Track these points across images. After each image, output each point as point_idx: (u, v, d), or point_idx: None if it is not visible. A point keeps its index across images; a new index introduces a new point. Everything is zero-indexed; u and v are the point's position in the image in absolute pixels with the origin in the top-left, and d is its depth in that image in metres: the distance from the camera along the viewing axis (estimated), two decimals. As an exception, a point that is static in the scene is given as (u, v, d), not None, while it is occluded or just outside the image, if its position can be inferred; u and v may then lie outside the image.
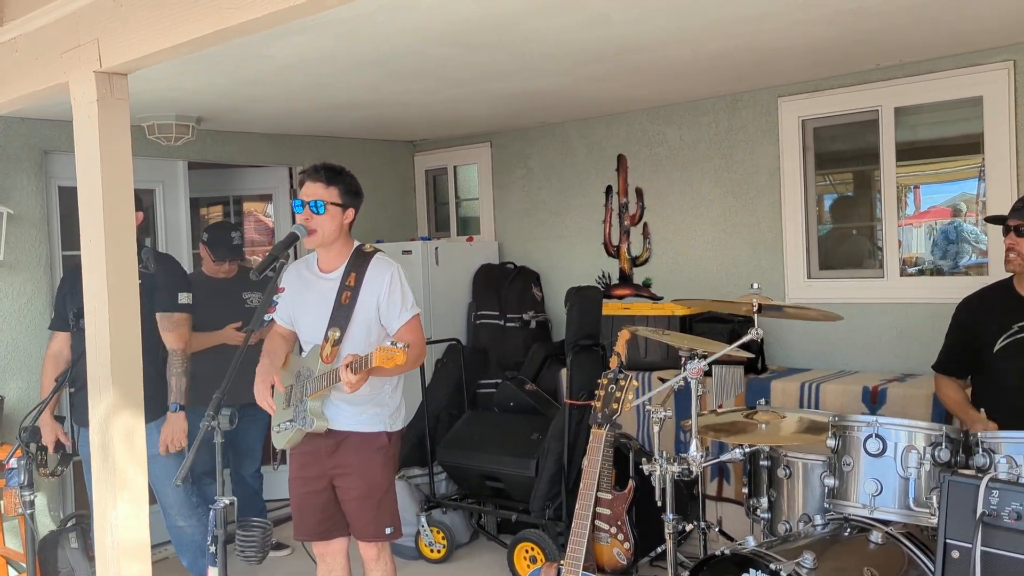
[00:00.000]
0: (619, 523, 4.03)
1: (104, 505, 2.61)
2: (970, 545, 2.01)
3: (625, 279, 5.46)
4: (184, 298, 3.74)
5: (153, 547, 4.82)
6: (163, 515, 3.87)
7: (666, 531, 3.05)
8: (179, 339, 3.72)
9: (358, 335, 2.97)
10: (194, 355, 4.16)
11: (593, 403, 2.75)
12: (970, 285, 3.58)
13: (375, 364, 2.57)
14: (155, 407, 3.70)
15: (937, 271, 4.61)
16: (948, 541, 2.03)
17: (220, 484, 2.45)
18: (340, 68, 3.81)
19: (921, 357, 4.35)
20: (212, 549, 2.37)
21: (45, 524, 4.48)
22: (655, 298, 5.30)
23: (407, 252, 5.53)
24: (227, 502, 2.40)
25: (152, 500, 3.90)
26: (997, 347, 3.17)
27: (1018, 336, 3.13)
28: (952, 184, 4.68)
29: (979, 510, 1.97)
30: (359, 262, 3.04)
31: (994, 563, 1.98)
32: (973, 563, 1.94)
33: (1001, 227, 3.21)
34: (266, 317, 2.72)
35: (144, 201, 4.55)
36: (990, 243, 4.27)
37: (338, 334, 2.92)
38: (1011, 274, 3.23)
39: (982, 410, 3.03)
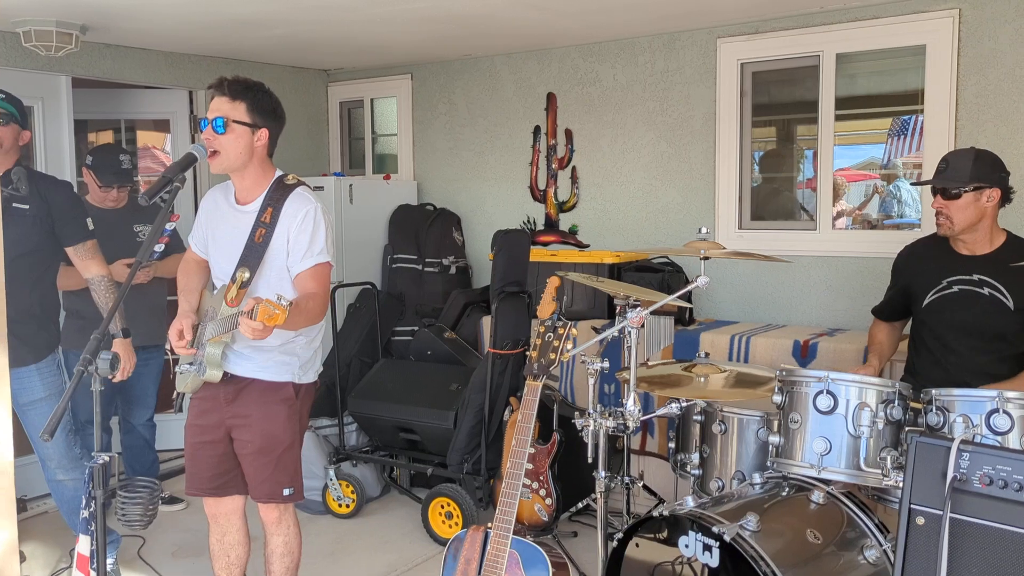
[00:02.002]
0: (541, 478, 3.84)
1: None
2: (935, 511, 1.86)
3: (551, 225, 5.22)
4: (91, 223, 3.37)
5: (31, 500, 4.46)
6: (42, 467, 3.47)
7: (597, 489, 2.86)
8: (102, 264, 3.37)
9: (271, 279, 2.63)
10: (77, 294, 3.75)
11: (529, 352, 2.51)
12: (903, 239, 3.50)
13: (257, 318, 2.22)
14: (38, 348, 3.31)
15: (870, 224, 4.54)
16: (912, 506, 1.88)
17: (98, 437, 2.11)
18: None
19: (851, 311, 4.29)
20: (85, 514, 2.03)
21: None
22: (581, 246, 5.09)
23: (319, 188, 5.13)
24: (106, 458, 2.06)
25: (30, 450, 3.53)
26: (926, 301, 3.10)
27: (947, 292, 3.06)
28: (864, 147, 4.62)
29: (950, 474, 1.81)
30: (278, 195, 2.67)
31: (962, 530, 1.83)
32: (942, 530, 1.79)
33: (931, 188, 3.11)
34: (156, 248, 2.35)
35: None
36: (924, 201, 4.21)
37: (247, 275, 2.56)
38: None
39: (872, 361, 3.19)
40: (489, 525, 2.40)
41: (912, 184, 4.20)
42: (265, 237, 2.62)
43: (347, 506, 4.36)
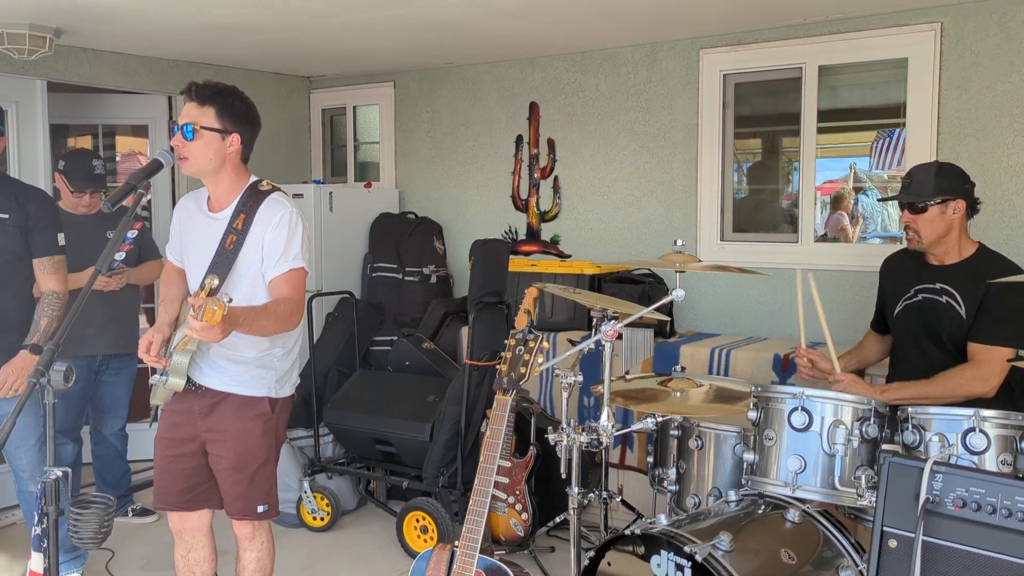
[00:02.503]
0: (517, 492, 3.79)
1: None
2: (908, 533, 1.82)
3: (533, 235, 5.18)
4: (62, 239, 3.31)
5: (1, 511, 4.37)
6: (14, 478, 3.40)
7: (570, 506, 2.80)
8: (61, 281, 3.30)
9: (242, 287, 2.56)
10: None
11: (499, 365, 2.46)
12: (883, 252, 3.46)
13: (203, 318, 2.13)
14: (11, 354, 3.24)
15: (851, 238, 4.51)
16: (885, 529, 1.83)
17: (51, 451, 2.04)
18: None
19: (832, 324, 4.23)
20: (38, 530, 1.97)
21: None
22: (563, 256, 5.05)
23: (298, 196, 5.08)
24: (59, 473, 2.00)
25: (1, 460, 3.46)
26: (896, 311, 3.09)
27: (912, 300, 3.05)
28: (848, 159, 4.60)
29: (923, 496, 1.77)
30: (251, 201, 2.61)
31: (935, 554, 1.79)
32: (914, 554, 1.74)
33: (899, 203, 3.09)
34: (117, 256, 2.29)
35: None
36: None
37: (216, 282, 2.50)
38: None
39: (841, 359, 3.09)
40: (456, 544, 2.34)
41: (879, 200, 4.17)
42: (236, 244, 2.56)
43: (322, 519, 4.29)
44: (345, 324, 4.87)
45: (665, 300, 2.59)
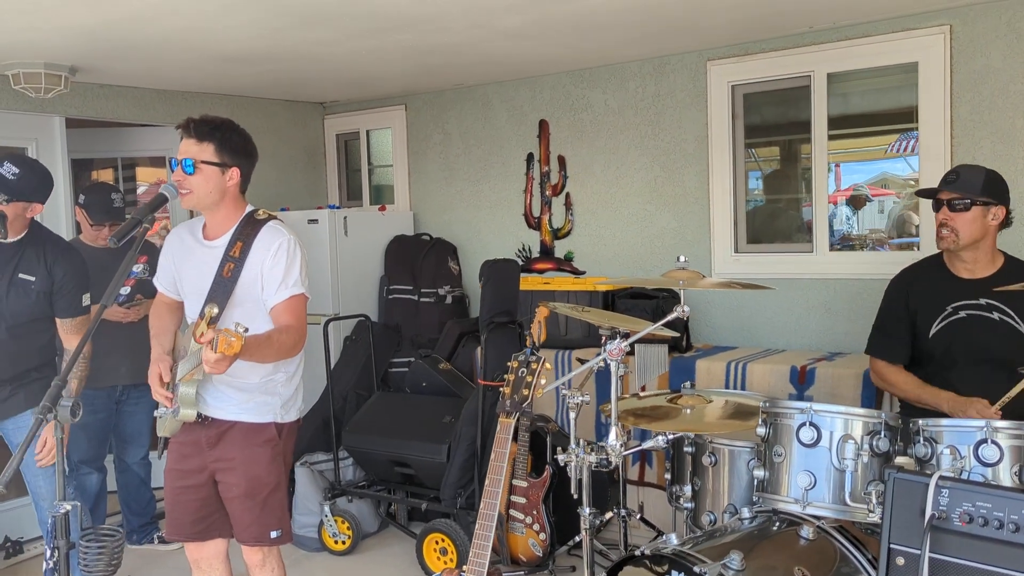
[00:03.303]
0: (535, 512, 3.77)
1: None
2: (915, 550, 1.78)
3: (546, 252, 5.18)
4: (87, 299, 3.35)
5: (28, 542, 4.43)
6: (35, 508, 3.46)
7: (583, 527, 2.78)
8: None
9: (241, 315, 2.59)
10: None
11: (502, 388, 2.45)
12: (901, 260, 3.40)
13: (218, 349, 2.18)
14: (34, 395, 3.31)
15: (867, 246, 4.45)
16: (892, 546, 1.80)
17: (60, 485, 2.07)
18: (216, 9, 3.37)
19: (850, 335, 4.20)
20: (50, 563, 2.00)
21: None
22: (577, 272, 5.04)
23: (313, 221, 5.13)
24: (68, 507, 2.02)
25: (26, 491, 3.52)
26: (933, 330, 2.97)
27: (953, 318, 2.94)
28: (875, 163, 4.53)
29: (928, 512, 1.73)
30: (248, 230, 2.64)
31: (942, 571, 1.75)
32: (920, 571, 1.71)
33: (932, 201, 3.01)
34: (122, 291, 2.32)
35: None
36: (922, 219, 4.12)
37: (215, 311, 2.53)
38: (941, 250, 3.03)
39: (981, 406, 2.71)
40: (464, 569, 2.34)
41: (916, 193, 4.10)
42: (234, 272, 2.58)
43: (343, 543, 4.30)
44: (362, 347, 4.89)
45: (670, 317, 2.58)
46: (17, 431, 3.32)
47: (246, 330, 2.22)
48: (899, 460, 2.37)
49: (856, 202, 4.53)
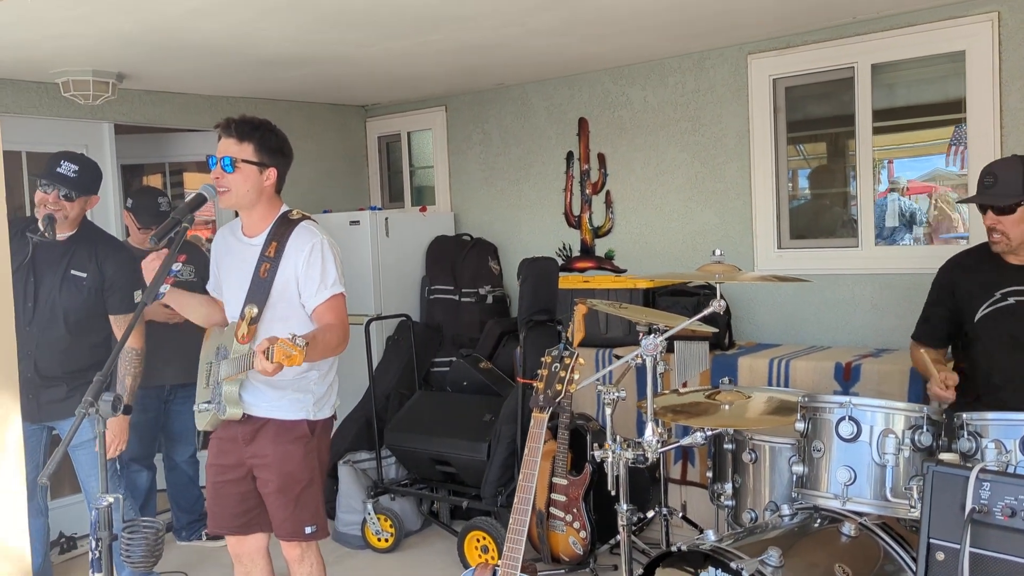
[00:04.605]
0: (575, 510, 3.75)
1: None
2: (956, 545, 1.73)
3: (587, 251, 5.16)
4: (139, 295, 3.45)
5: (81, 538, 4.55)
6: (87, 506, 3.55)
7: (620, 523, 2.76)
8: (138, 337, 3.45)
9: (279, 315, 2.63)
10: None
11: (535, 383, 2.45)
12: (948, 253, 3.32)
13: (274, 359, 2.23)
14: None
15: (915, 240, 4.34)
16: (932, 541, 1.75)
17: (103, 479, 2.12)
18: (254, 12, 3.43)
19: (897, 331, 4.10)
20: (97, 554, 2.05)
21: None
22: (618, 271, 5.01)
23: (355, 223, 5.19)
24: (111, 499, 2.07)
25: (79, 488, 3.63)
26: (979, 316, 2.91)
27: (1001, 304, 2.87)
28: (926, 158, 4.41)
29: (968, 506, 1.68)
30: (282, 230, 2.69)
31: (984, 566, 1.70)
32: (960, 566, 1.66)
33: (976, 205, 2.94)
34: (161, 289, 2.37)
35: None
36: (971, 214, 4.01)
37: (255, 311, 2.58)
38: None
39: (945, 374, 2.77)
40: (498, 563, 2.34)
41: (958, 202, 3.99)
42: (270, 272, 2.63)
43: (386, 540, 4.33)
44: (404, 347, 4.93)
45: (706, 312, 2.55)
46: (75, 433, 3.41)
47: (306, 343, 2.25)
48: (943, 456, 2.31)
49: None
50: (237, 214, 2.81)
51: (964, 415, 2.30)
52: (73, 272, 3.34)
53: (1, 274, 2.26)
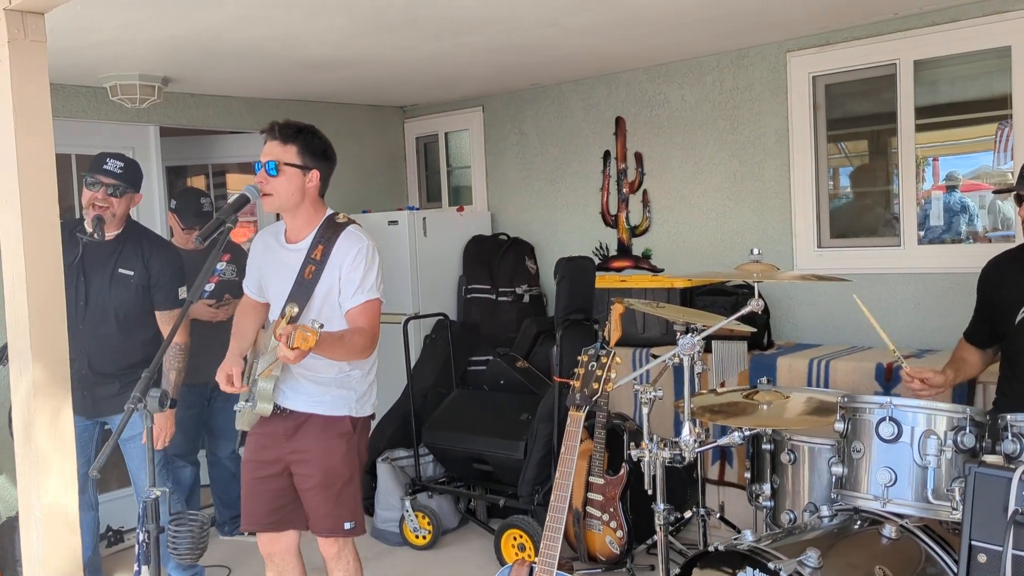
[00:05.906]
0: (612, 510, 3.76)
1: (28, 495, 2.34)
2: (998, 547, 1.71)
3: (624, 250, 5.15)
4: (183, 292, 3.55)
5: (128, 532, 4.66)
6: (136, 500, 3.64)
7: (656, 523, 2.76)
8: (183, 333, 3.54)
9: (322, 316, 2.68)
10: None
11: (572, 382, 2.47)
12: (991, 252, 3.26)
13: (294, 344, 2.27)
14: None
15: (957, 239, 4.27)
16: (973, 543, 1.73)
17: (151, 473, 2.18)
18: (297, 18, 3.49)
19: (940, 331, 4.05)
20: (144, 546, 2.11)
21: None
22: (655, 270, 5.00)
23: (393, 223, 5.24)
24: (158, 493, 2.13)
25: (129, 482, 3.72)
26: (1019, 317, 2.86)
27: None
28: (973, 155, 4.32)
29: (1011, 507, 1.66)
30: (328, 233, 2.73)
31: (1028, 570, 1.67)
32: (1003, 569, 1.64)
33: (1013, 196, 2.88)
34: (207, 287, 2.42)
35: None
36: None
37: (296, 311, 2.62)
38: None
39: (947, 371, 2.88)
40: (535, 560, 2.36)
41: (994, 193, 3.90)
42: (315, 274, 2.67)
43: (424, 537, 4.37)
44: (442, 345, 4.96)
45: (744, 311, 2.54)
46: (125, 427, 3.49)
47: (321, 326, 2.30)
48: (987, 457, 2.27)
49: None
50: (279, 217, 2.86)
51: (1008, 416, 2.27)
52: (121, 270, 3.42)
53: (55, 274, 2.32)
